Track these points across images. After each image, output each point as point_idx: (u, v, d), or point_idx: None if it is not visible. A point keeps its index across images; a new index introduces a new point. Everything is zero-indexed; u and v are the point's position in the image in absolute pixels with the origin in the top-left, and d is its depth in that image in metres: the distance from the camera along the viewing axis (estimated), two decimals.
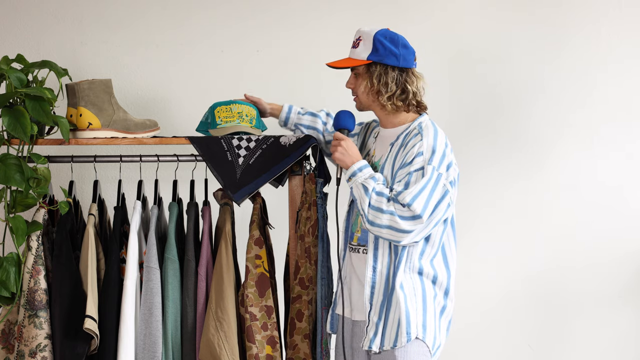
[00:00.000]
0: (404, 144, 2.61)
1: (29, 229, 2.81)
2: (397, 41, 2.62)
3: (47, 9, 3.47)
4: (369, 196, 2.53)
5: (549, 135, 3.55)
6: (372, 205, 2.52)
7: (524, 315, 3.59)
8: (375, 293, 2.60)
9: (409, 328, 2.55)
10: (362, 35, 2.64)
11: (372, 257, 2.62)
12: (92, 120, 2.94)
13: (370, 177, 2.57)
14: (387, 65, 2.61)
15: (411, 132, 2.62)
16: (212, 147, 2.91)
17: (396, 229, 2.49)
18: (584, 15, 3.53)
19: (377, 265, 2.61)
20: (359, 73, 2.67)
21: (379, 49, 2.61)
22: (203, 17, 3.50)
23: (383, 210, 2.50)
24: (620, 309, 3.59)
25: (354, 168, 2.60)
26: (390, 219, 2.49)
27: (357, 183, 2.58)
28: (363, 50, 2.63)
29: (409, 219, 2.49)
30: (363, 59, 2.63)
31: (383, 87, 2.61)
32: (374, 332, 2.59)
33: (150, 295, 2.81)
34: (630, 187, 3.57)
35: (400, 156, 2.59)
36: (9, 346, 2.85)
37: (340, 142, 2.65)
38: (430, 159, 2.53)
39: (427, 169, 2.52)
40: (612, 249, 3.57)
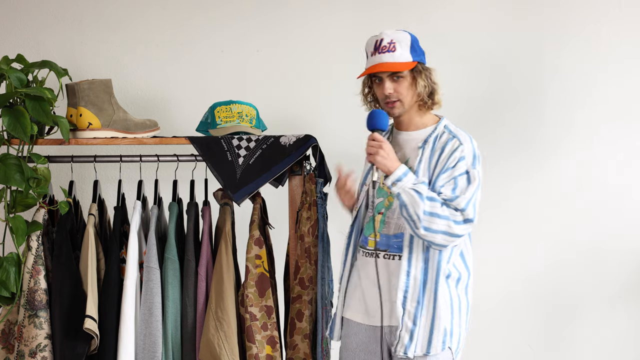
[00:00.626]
0: (437, 148, 2.57)
1: (29, 229, 2.81)
2: (418, 42, 2.64)
3: (47, 9, 3.47)
4: (423, 201, 2.47)
5: (549, 136, 3.55)
6: (426, 212, 2.47)
7: (524, 315, 3.59)
8: (409, 298, 2.55)
9: (445, 337, 2.54)
10: (394, 39, 2.57)
11: (406, 261, 2.56)
12: (92, 120, 2.94)
13: (418, 182, 2.51)
14: (425, 64, 2.62)
15: (441, 135, 2.59)
16: (212, 147, 2.91)
17: (450, 234, 2.48)
18: (584, 16, 3.53)
19: (412, 270, 2.55)
20: (402, 76, 2.59)
21: (417, 49, 2.60)
22: (203, 17, 3.50)
23: (440, 215, 2.47)
24: (620, 309, 3.59)
25: (398, 173, 2.51)
26: (447, 224, 2.47)
27: (406, 189, 2.49)
28: (403, 54, 2.57)
29: (462, 223, 2.48)
30: (409, 61, 2.58)
31: (436, 85, 2.61)
32: (409, 337, 2.54)
33: (150, 295, 2.81)
34: (630, 187, 3.57)
35: (440, 161, 2.55)
36: (9, 346, 2.85)
37: (381, 144, 2.54)
38: (473, 163, 2.54)
39: (472, 173, 2.52)
40: (613, 249, 3.57)
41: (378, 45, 2.59)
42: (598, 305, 3.59)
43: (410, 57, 2.58)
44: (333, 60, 3.50)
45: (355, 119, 3.48)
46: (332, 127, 3.47)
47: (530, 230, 3.58)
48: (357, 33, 3.50)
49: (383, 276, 2.60)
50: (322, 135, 3.12)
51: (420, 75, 2.59)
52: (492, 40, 3.53)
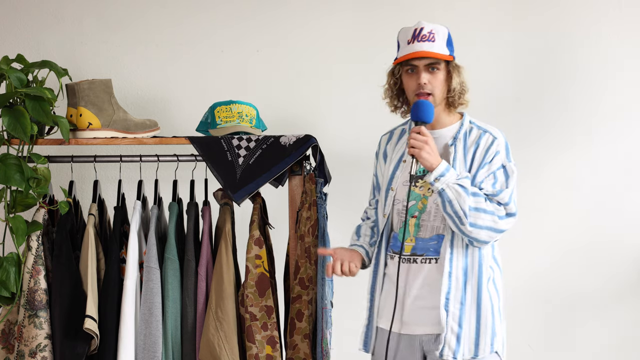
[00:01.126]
0: (471, 144, 2.54)
1: (29, 229, 2.81)
2: None
3: (47, 9, 3.47)
4: (469, 196, 2.43)
5: (549, 136, 3.55)
6: (472, 207, 2.42)
7: (524, 315, 3.59)
8: (452, 300, 2.49)
9: (494, 339, 2.51)
10: (433, 29, 2.52)
11: (448, 263, 2.50)
12: (92, 120, 2.94)
13: (463, 176, 2.45)
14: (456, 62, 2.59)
15: (470, 131, 2.57)
16: (212, 147, 2.91)
17: (495, 229, 2.46)
18: (584, 15, 3.53)
19: (453, 271, 2.50)
20: (438, 69, 2.53)
21: (453, 45, 2.58)
22: (203, 17, 3.50)
23: (486, 210, 2.43)
24: (620, 309, 3.59)
25: (441, 169, 2.44)
26: (492, 219, 2.44)
27: (450, 184, 2.43)
28: (442, 45, 2.53)
29: (505, 217, 2.47)
30: (447, 54, 2.54)
31: (466, 85, 2.59)
32: (457, 340, 2.48)
33: (150, 295, 2.81)
34: (630, 187, 3.57)
35: (477, 157, 2.52)
36: (9, 346, 2.85)
37: (427, 139, 2.45)
38: (507, 156, 2.53)
39: (510, 167, 2.51)
40: (613, 249, 3.57)
41: (417, 33, 2.52)
42: (598, 305, 3.59)
43: (447, 51, 2.54)
44: (333, 60, 3.50)
45: (356, 119, 3.48)
46: (332, 127, 3.47)
47: (530, 230, 3.58)
48: (357, 33, 3.51)
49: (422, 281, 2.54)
50: (322, 135, 3.12)
51: (455, 71, 2.56)
52: (491, 40, 3.53)
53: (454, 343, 2.49)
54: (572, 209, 3.57)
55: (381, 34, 3.51)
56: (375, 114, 3.01)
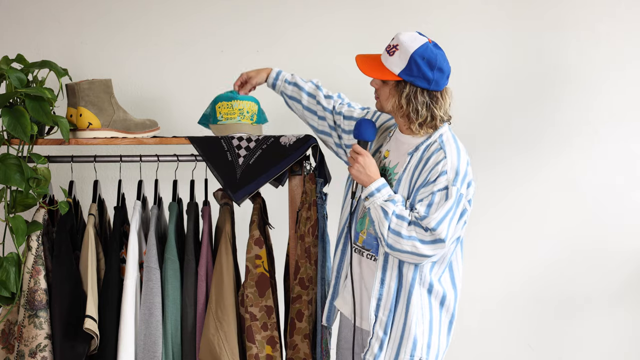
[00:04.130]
0: (423, 158, 2.49)
1: (29, 229, 2.81)
2: (433, 64, 2.46)
3: (47, 9, 3.47)
4: (388, 220, 2.42)
5: (549, 136, 3.55)
6: (391, 229, 2.42)
7: (525, 315, 3.59)
8: (382, 306, 2.52)
9: (414, 351, 2.51)
10: (399, 46, 2.47)
11: (381, 269, 2.52)
12: (92, 120, 2.94)
13: (389, 199, 2.46)
14: (417, 87, 2.46)
15: (431, 145, 2.50)
16: (212, 147, 2.91)
17: (417, 254, 2.41)
18: (584, 16, 3.53)
19: (386, 279, 2.51)
20: (386, 82, 2.53)
21: (413, 69, 2.45)
22: (203, 17, 3.50)
23: (403, 235, 2.41)
24: (620, 309, 3.59)
25: (371, 188, 2.47)
26: (412, 244, 2.40)
27: (376, 205, 2.46)
28: (396, 63, 2.47)
29: (431, 243, 2.40)
30: (395, 72, 2.47)
31: (413, 113, 2.48)
32: (379, 346, 2.52)
33: (150, 295, 2.81)
34: (630, 188, 3.57)
35: (423, 173, 2.47)
36: (9, 346, 2.85)
37: (358, 157, 2.51)
38: (455, 179, 2.42)
39: (451, 190, 2.41)
40: (613, 250, 3.57)
41: (390, 41, 2.54)
42: (598, 305, 3.59)
43: (398, 70, 2.46)
44: (333, 60, 3.50)
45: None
46: None
47: (531, 230, 3.58)
48: (357, 32, 3.51)
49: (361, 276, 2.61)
50: None
51: (399, 94, 2.49)
52: (492, 40, 3.53)
53: (376, 349, 2.52)
54: (572, 210, 3.57)
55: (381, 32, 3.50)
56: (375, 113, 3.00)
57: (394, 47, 2.49)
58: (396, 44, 2.49)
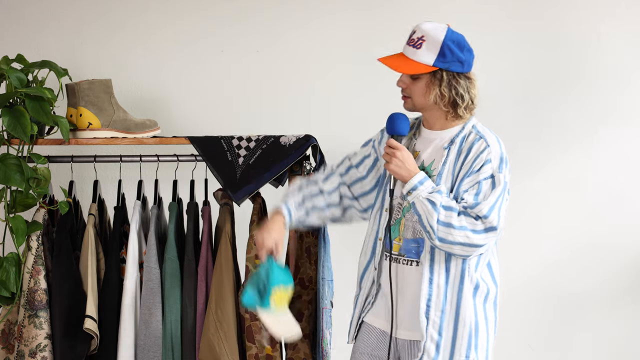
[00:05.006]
0: (463, 150, 2.43)
1: (29, 229, 2.81)
2: (463, 45, 2.42)
3: (47, 9, 3.47)
4: (437, 212, 2.34)
5: (549, 136, 3.55)
6: (441, 222, 2.34)
7: (525, 315, 3.59)
8: (432, 307, 2.44)
9: (469, 351, 2.45)
10: (425, 35, 2.40)
11: (428, 269, 2.43)
12: (92, 120, 2.94)
13: (434, 190, 2.37)
14: (453, 72, 2.41)
15: (468, 135, 2.45)
16: (212, 147, 2.91)
17: (469, 244, 2.35)
18: (586, 15, 3.53)
19: (434, 278, 2.43)
20: (419, 77, 2.44)
21: (447, 55, 2.39)
22: (203, 17, 3.50)
23: (454, 226, 2.34)
24: (620, 309, 3.59)
25: (414, 182, 2.38)
26: (464, 235, 2.34)
27: (421, 198, 2.37)
28: (427, 54, 2.39)
29: (483, 232, 2.36)
30: (428, 64, 2.39)
31: (459, 98, 2.42)
32: (436, 349, 2.44)
33: (150, 295, 2.81)
34: (630, 188, 3.57)
35: (465, 164, 2.42)
36: (9, 346, 2.85)
37: (395, 152, 2.41)
38: (500, 167, 2.39)
39: (498, 177, 2.37)
40: (613, 249, 3.57)
41: (410, 35, 2.44)
42: (599, 305, 3.59)
43: (432, 61, 2.39)
44: (333, 60, 3.50)
45: (356, 119, 3.48)
46: (332, 127, 3.47)
47: (530, 230, 3.58)
48: (358, 32, 3.51)
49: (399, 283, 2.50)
50: (322, 135, 3.12)
51: (439, 83, 2.42)
52: (492, 40, 3.53)
53: (433, 352, 2.44)
54: (572, 209, 3.57)
55: (382, 33, 3.50)
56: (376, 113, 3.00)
57: (419, 39, 2.42)
58: (421, 35, 2.42)
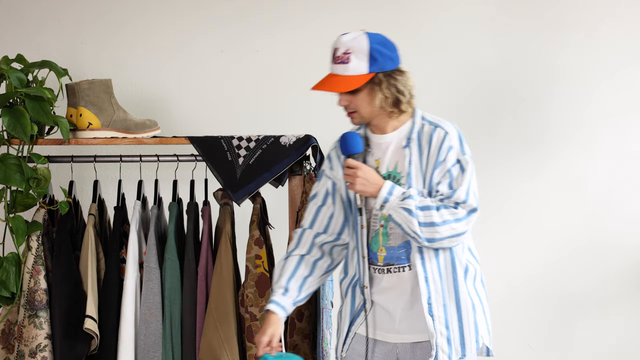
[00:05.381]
0: (423, 143, 2.44)
1: (29, 229, 2.81)
2: (386, 43, 2.42)
3: (47, 9, 3.47)
4: (415, 216, 2.35)
5: (549, 136, 3.55)
6: (422, 224, 2.35)
7: (524, 315, 3.59)
8: (434, 304, 2.43)
9: (478, 335, 2.45)
10: (350, 48, 2.39)
11: (421, 268, 2.43)
12: (92, 120, 2.94)
13: (405, 196, 2.37)
14: (388, 71, 2.41)
15: (422, 128, 2.46)
16: (212, 147, 2.91)
17: (456, 234, 2.37)
18: (585, 16, 3.53)
19: (429, 275, 2.43)
20: (358, 89, 2.42)
21: (377, 57, 2.39)
22: (203, 17, 3.50)
23: (437, 223, 2.35)
24: (621, 308, 3.59)
25: (383, 194, 2.38)
26: (449, 227, 2.35)
27: (396, 208, 2.37)
28: (359, 64, 2.39)
29: (465, 217, 2.37)
30: (364, 73, 2.39)
31: (400, 94, 2.42)
32: (448, 343, 2.43)
33: (150, 295, 2.81)
34: (630, 187, 3.57)
35: (431, 156, 2.42)
36: (9, 346, 2.85)
37: (356, 171, 2.40)
38: (462, 149, 2.41)
39: (464, 159, 2.40)
40: (613, 249, 3.57)
41: (334, 54, 2.42)
42: (599, 305, 3.59)
43: (366, 69, 2.38)
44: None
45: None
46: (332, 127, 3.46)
47: (530, 230, 3.58)
48: None
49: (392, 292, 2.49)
50: (322, 135, 3.11)
51: (379, 87, 2.41)
52: (493, 40, 3.53)
53: (446, 346, 2.43)
54: (572, 209, 3.57)
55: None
56: None
57: (344, 54, 2.41)
58: (346, 50, 2.40)
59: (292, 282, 2.52)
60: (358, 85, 2.39)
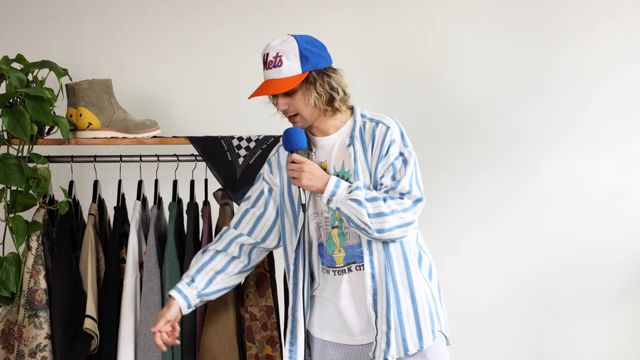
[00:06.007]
0: (366, 140, 2.46)
1: (29, 229, 2.81)
2: (315, 42, 2.46)
3: (47, 9, 3.47)
4: (364, 207, 2.36)
5: (548, 136, 3.55)
6: (372, 215, 2.36)
7: (524, 315, 3.59)
8: (379, 300, 2.44)
9: (433, 325, 2.47)
10: (280, 51, 2.41)
11: (369, 264, 2.44)
12: (92, 120, 2.94)
13: (352, 188, 2.39)
14: (321, 69, 2.43)
15: (364, 125, 2.48)
16: (212, 147, 2.91)
17: (405, 224, 2.39)
18: (585, 16, 3.53)
19: (376, 272, 2.44)
20: (294, 90, 2.43)
21: (309, 56, 2.41)
22: (203, 16, 3.50)
23: (386, 213, 2.36)
24: (620, 309, 3.59)
25: (330, 187, 2.39)
26: (397, 217, 2.37)
27: (344, 200, 2.38)
28: (292, 65, 2.40)
29: (412, 206, 2.39)
30: (298, 73, 2.41)
31: (334, 92, 2.44)
32: (386, 342, 2.43)
33: (150, 295, 2.81)
34: (630, 188, 3.57)
35: (374, 151, 2.44)
36: (9, 346, 2.85)
37: (302, 166, 2.40)
38: (403, 142, 2.44)
39: (406, 152, 2.43)
40: (612, 250, 3.57)
41: (265, 60, 2.44)
42: (598, 305, 3.59)
43: (299, 69, 2.40)
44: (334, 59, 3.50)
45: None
46: None
47: (530, 230, 3.58)
48: (358, 31, 3.51)
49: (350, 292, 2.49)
50: None
51: (313, 86, 2.41)
52: (492, 40, 3.53)
53: (384, 344, 2.43)
54: (572, 209, 3.57)
55: (381, 33, 3.51)
56: None
57: (276, 57, 2.43)
58: (276, 53, 2.42)
59: (200, 274, 2.57)
60: (294, 85, 2.41)
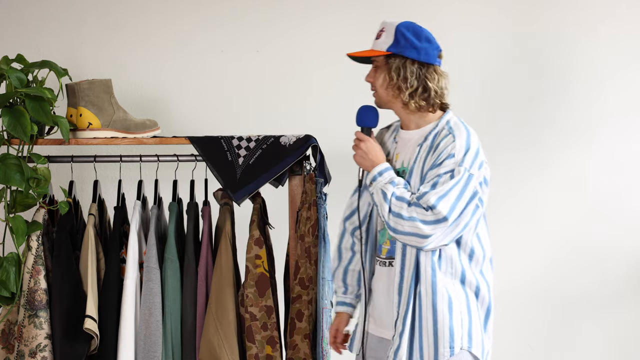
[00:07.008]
0: (434, 146, 2.44)
1: (29, 229, 2.81)
2: (420, 34, 2.47)
3: (47, 9, 3.47)
4: (388, 202, 2.37)
5: (550, 136, 3.55)
6: (392, 212, 2.36)
7: (525, 315, 3.59)
8: (402, 301, 2.43)
9: (452, 342, 2.40)
10: (385, 27, 2.49)
11: (399, 263, 2.44)
12: (92, 120, 2.94)
13: (389, 181, 2.42)
14: (407, 58, 2.44)
15: (440, 132, 2.46)
16: (212, 147, 2.91)
17: (419, 235, 2.33)
18: (585, 16, 3.53)
19: (405, 272, 2.43)
20: (378, 65, 2.49)
21: (400, 40, 2.44)
22: (203, 17, 3.50)
23: (404, 217, 2.34)
24: (620, 309, 3.59)
25: (374, 172, 2.44)
26: (412, 225, 2.33)
27: (377, 188, 2.42)
28: (384, 42, 2.47)
29: (432, 222, 2.32)
30: (383, 50, 2.46)
31: (402, 81, 2.44)
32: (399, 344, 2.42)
33: (150, 295, 2.81)
34: (631, 187, 3.57)
35: (431, 158, 2.41)
36: (9, 346, 2.85)
37: (360, 143, 2.50)
38: (462, 160, 2.36)
39: (458, 170, 2.35)
40: (614, 249, 3.57)
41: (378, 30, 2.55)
42: (599, 305, 3.59)
43: (386, 46, 2.46)
44: (334, 59, 3.50)
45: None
46: (332, 127, 3.46)
47: (530, 229, 3.58)
48: (358, 31, 3.50)
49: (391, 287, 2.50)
50: (322, 135, 3.12)
51: (389, 68, 2.45)
52: (494, 40, 3.53)
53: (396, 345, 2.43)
54: (572, 209, 3.57)
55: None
56: None
57: (380, 31, 2.53)
58: (382, 27, 2.52)
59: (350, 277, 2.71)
60: (370, 55, 2.49)
